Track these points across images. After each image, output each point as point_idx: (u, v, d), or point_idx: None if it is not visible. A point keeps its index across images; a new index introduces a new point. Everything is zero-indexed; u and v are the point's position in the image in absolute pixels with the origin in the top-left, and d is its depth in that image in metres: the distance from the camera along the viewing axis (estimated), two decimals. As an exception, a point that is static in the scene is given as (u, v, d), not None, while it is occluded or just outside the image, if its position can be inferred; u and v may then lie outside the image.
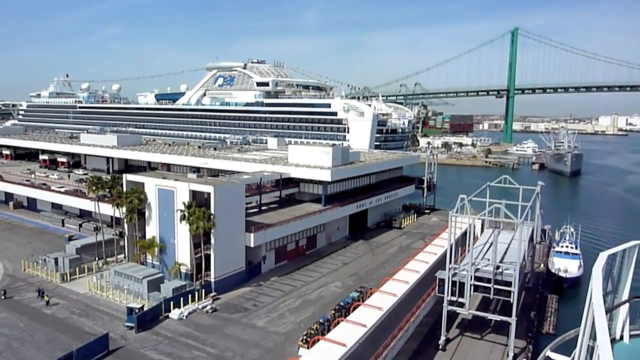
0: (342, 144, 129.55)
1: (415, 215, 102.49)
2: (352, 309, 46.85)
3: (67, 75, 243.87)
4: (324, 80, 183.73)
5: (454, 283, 45.93)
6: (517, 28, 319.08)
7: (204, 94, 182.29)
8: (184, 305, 54.12)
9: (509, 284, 44.26)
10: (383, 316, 43.97)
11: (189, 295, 55.26)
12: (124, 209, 66.25)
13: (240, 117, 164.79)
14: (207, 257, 60.30)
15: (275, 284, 63.97)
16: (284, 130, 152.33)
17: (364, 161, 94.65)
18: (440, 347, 47.32)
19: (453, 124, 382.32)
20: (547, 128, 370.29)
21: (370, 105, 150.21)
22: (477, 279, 45.41)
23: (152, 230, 65.03)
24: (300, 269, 69.99)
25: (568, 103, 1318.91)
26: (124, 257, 70.20)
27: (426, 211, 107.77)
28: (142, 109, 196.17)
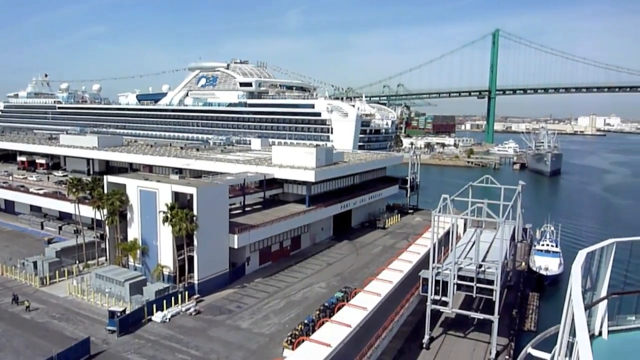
0: (326, 144, 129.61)
1: (398, 215, 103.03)
2: (337, 309, 46.89)
3: (46, 75, 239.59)
4: (307, 81, 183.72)
5: (438, 282, 46.30)
6: (498, 30, 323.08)
7: (187, 95, 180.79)
8: (167, 307, 53.63)
9: (491, 282, 44.78)
10: (367, 316, 44.10)
11: (172, 298, 54.78)
12: (105, 211, 65.44)
13: (223, 118, 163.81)
14: (190, 259, 59.81)
15: (259, 285, 63.73)
16: (267, 131, 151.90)
17: (347, 162, 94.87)
18: (424, 346, 47.65)
19: (435, 125, 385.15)
20: (528, 128, 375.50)
21: (353, 105, 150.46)
22: (460, 277, 45.85)
23: (134, 233, 64.31)
24: (284, 270, 69.84)
25: (548, 104, 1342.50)
26: (106, 260, 69.34)
27: (410, 211, 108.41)
28: (124, 109, 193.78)
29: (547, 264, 69.66)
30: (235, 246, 63.19)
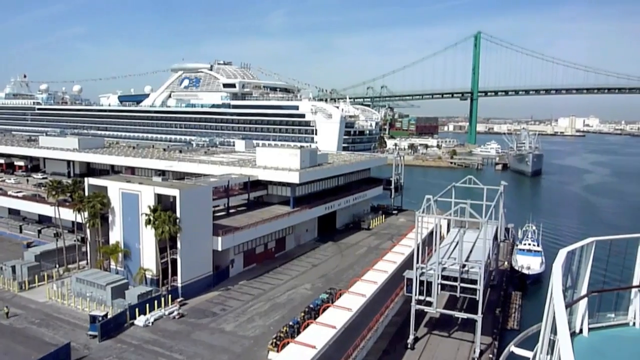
0: (310, 145, 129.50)
1: (383, 216, 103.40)
2: (322, 311, 46.87)
3: (25, 76, 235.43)
4: (291, 82, 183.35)
5: (422, 282, 46.53)
6: (480, 32, 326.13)
7: (169, 96, 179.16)
8: (150, 311, 52.98)
9: (474, 282, 45.15)
10: (352, 317, 44.15)
11: (155, 301, 54.16)
12: (86, 213, 64.54)
13: (206, 119, 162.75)
14: (174, 262, 59.22)
15: (243, 287, 63.37)
16: (251, 132, 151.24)
17: (332, 163, 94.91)
18: (409, 346, 47.84)
19: (419, 126, 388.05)
20: (510, 129, 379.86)
21: (338, 107, 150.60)
22: (444, 277, 46.15)
23: (116, 236, 63.49)
24: (269, 272, 69.58)
25: (529, 105, 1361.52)
26: (87, 264, 68.32)
27: (394, 212, 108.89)
28: (105, 110, 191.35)
29: (529, 263, 70.49)
30: (219, 248, 62.75)
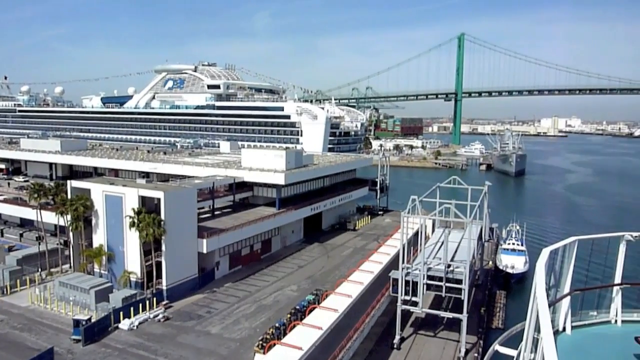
0: (296, 147, 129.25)
1: (369, 216, 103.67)
2: (308, 312, 46.82)
3: (6, 78, 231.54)
4: (276, 83, 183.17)
5: (407, 282, 46.78)
6: (464, 33, 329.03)
7: (153, 97, 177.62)
8: (135, 314, 52.47)
9: (459, 281, 45.50)
10: (339, 318, 44.17)
11: (140, 305, 53.63)
12: (69, 216, 63.67)
13: (191, 121, 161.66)
14: (158, 265, 58.75)
15: (229, 289, 63.06)
16: (236, 134, 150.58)
17: (317, 164, 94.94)
18: (395, 346, 48.03)
19: (404, 127, 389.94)
20: (493, 130, 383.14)
21: (323, 108, 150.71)
22: (430, 277, 46.44)
23: (100, 239, 62.77)
24: (255, 273, 69.34)
25: (513, 106, 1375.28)
26: (70, 267, 67.42)
27: (379, 212, 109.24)
28: (88, 112, 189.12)
29: (513, 263, 71.21)
30: (204, 251, 62.37)
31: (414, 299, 46.90)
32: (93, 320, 49.81)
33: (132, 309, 52.72)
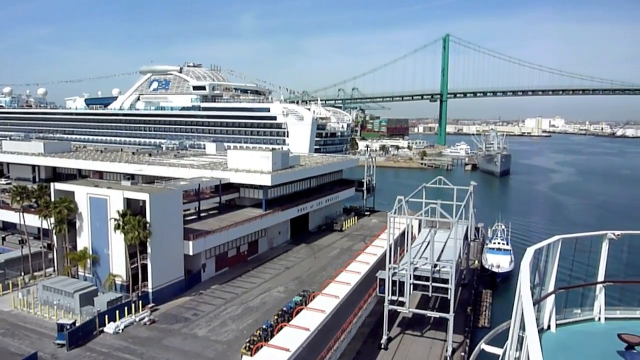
0: (282, 148, 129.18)
1: (355, 217, 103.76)
2: (295, 314, 46.75)
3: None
4: (262, 84, 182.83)
5: (394, 282, 46.94)
6: (449, 34, 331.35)
7: (138, 98, 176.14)
8: (120, 318, 51.93)
9: (446, 281, 45.77)
10: (326, 319, 44.17)
11: (125, 308, 53.12)
12: (53, 219, 62.89)
13: (176, 122, 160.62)
14: (144, 267, 58.23)
15: (216, 291, 62.72)
16: (222, 135, 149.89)
17: (304, 165, 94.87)
18: (383, 347, 48.15)
19: (390, 128, 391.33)
20: (478, 130, 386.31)
21: (309, 109, 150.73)
22: (416, 277, 46.62)
23: (84, 241, 62.06)
24: (241, 275, 69.05)
25: (497, 106, 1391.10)
26: (53, 271, 66.59)
27: (366, 213, 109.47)
28: (71, 114, 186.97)
29: (499, 262, 71.85)
30: (191, 253, 61.97)
31: (401, 299, 47.08)
32: (77, 324, 49.17)
33: (118, 312, 52.17)
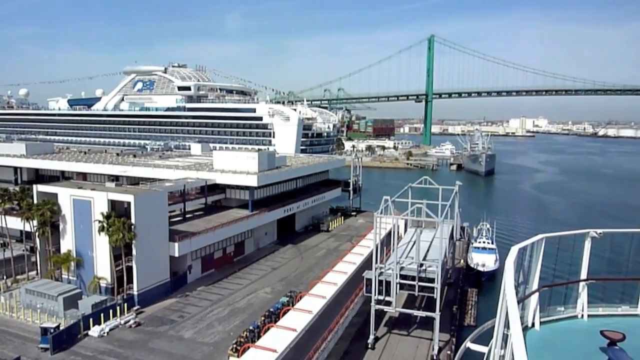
0: (268, 148, 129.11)
1: (342, 217, 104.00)
2: (282, 314, 46.65)
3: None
4: (248, 85, 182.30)
5: (381, 282, 47.10)
6: (433, 35, 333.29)
7: (122, 99, 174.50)
8: (105, 321, 51.36)
9: (432, 280, 46.08)
10: (313, 319, 44.13)
11: (110, 311, 52.54)
12: (35, 222, 62.04)
13: (161, 123, 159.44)
14: (129, 269, 57.67)
15: (202, 293, 62.36)
16: (207, 136, 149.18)
17: (290, 165, 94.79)
18: (370, 346, 48.29)
19: (376, 128, 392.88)
20: (463, 131, 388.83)
21: (295, 109, 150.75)
22: (402, 277, 46.87)
23: (68, 244, 61.26)
24: (228, 276, 68.74)
25: (482, 107, 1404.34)
26: (37, 274, 65.64)
27: (352, 213, 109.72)
28: (54, 115, 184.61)
29: (484, 261, 72.48)
30: (176, 254, 61.53)
31: (388, 298, 47.26)
32: (61, 327, 48.53)
33: (102, 315, 51.58)
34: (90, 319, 50.55)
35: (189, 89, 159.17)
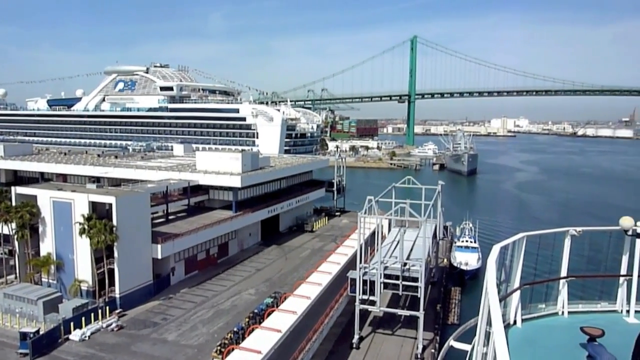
0: (252, 149, 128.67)
1: (326, 217, 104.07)
2: (267, 315, 46.50)
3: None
4: (231, 85, 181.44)
5: (365, 282, 47.23)
6: (416, 36, 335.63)
7: (103, 99, 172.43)
8: (87, 325, 50.64)
9: (415, 279, 46.37)
10: (297, 320, 44.07)
11: (92, 314, 51.82)
12: (14, 224, 60.92)
13: (143, 123, 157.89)
14: (111, 272, 56.98)
15: (185, 295, 61.86)
16: (190, 136, 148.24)
17: (274, 166, 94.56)
18: (354, 346, 48.40)
19: (359, 128, 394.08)
20: (446, 131, 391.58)
21: (279, 110, 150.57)
22: (387, 276, 47.08)
23: (48, 247, 60.29)
24: (211, 278, 68.31)
25: (464, 107, 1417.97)
26: (15, 278, 64.51)
27: (337, 213, 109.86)
28: (33, 115, 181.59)
29: (467, 259, 73.19)
30: (159, 256, 60.95)
31: (372, 298, 47.42)
32: (41, 332, 47.73)
33: (84, 319, 50.84)
34: (71, 323, 49.75)
35: (171, 89, 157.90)
